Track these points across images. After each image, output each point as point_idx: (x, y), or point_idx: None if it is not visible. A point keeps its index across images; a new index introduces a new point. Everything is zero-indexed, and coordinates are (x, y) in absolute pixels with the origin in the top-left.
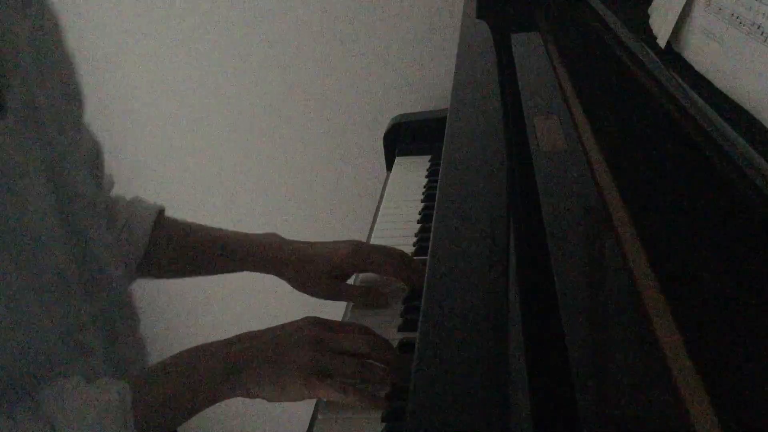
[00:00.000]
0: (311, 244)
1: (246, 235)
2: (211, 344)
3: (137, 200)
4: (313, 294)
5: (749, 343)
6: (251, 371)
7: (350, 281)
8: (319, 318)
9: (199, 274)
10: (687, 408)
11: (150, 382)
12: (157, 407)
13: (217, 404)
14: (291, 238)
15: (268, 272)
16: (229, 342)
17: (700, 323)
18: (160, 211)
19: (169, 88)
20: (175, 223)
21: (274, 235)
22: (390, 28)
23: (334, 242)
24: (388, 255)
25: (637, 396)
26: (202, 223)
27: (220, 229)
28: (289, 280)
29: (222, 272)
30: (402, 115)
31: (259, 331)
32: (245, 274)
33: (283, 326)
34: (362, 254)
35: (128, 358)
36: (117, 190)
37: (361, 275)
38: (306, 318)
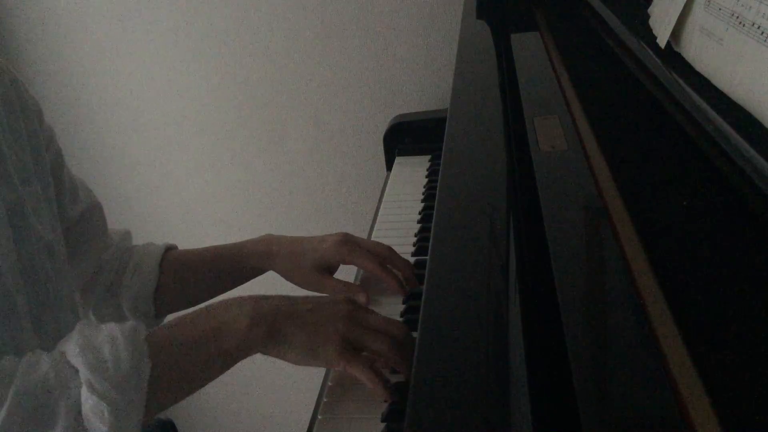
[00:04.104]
0: (302, 238)
1: (243, 243)
2: (245, 296)
3: (148, 244)
4: (300, 285)
5: (749, 343)
6: (284, 327)
7: (352, 280)
8: (354, 298)
9: (216, 294)
10: (687, 408)
11: (176, 325)
12: (183, 349)
13: (217, 405)
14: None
15: (265, 267)
16: (264, 296)
17: (701, 323)
18: (168, 248)
19: (168, 91)
20: (182, 254)
21: (269, 234)
22: (390, 28)
23: (324, 235)
24: (371, 249)
25: (637, 396)
26: (202, 223)
27: (223, 246)
28: (281, 272)
29: (234, 286)
30: (402, 115)
31: (294, 296)
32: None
33: (319, 297)
34: (347, 246)
35: None
36: (118, 195)
37: (361, 275)
38: (342, 295)
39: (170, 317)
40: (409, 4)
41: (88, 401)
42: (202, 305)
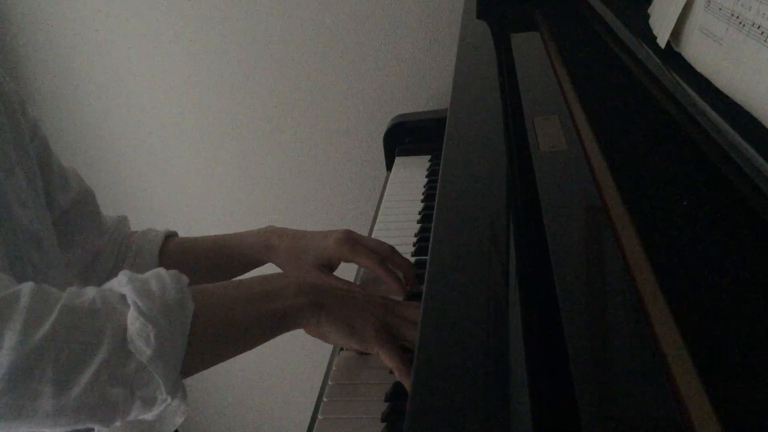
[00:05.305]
0: (304, 233)
1: (244, 234)
2: (291, 272)
3: (149, 230)
4: None
5: (749, 343)
6: (327, 300)
7: (353, 276)
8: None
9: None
10: (687, 408)
11: (223, 284)
12: (230, 303)
13: (217, 405)
14: None
15: (265, 260)
16: (308, 275)
17: (700, 323)
18: (169, 235)
19: (168, 91)
20: (183, 241)
21: (271, 226)
22: (390, 29)
23: (327, 231)
24: (373, 248)
25: (637, 396)
26: (202, 223)
27: (224, 236)
28: (280, 265)
29: (233, 276)
30: (402, 115)
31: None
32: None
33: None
34: (349, 244)
35: None
36: (117, 194)
37: (361, 275)
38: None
39: None
40: (409, 4)
41: (135, 323)
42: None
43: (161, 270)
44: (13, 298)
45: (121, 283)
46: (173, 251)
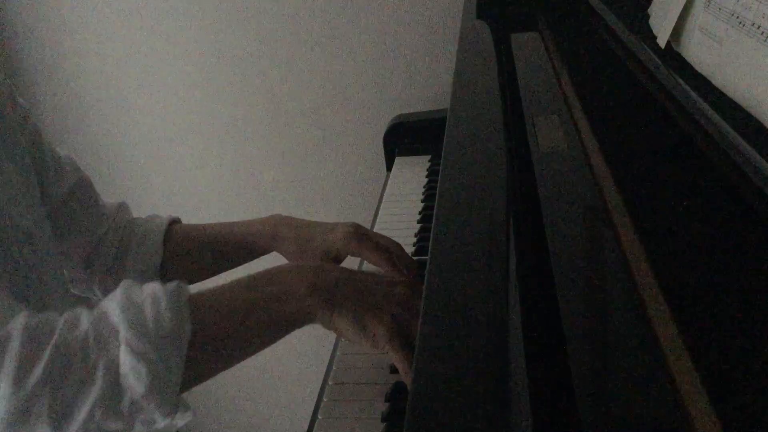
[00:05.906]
0: (311, 223)
1: (250, 222)
2: (305, 264)
3: (152, 216)
4: None
5: (749, 343)
6: (340, 298)
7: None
8: (414, 283)
9: (221, 270)
10: (687, 408)
11: (230, 287)
12: (235, 313)
13: (217, 405)
14: None
15: (270, 249)
16: (322, 266)
17: (700, 323)
18: (173, 222)
19: (167, 90)
20: (188, 228)
21: (277, 215)
22: (390, 29)
23: (334, 223)
24: (381, 244)
25: (637, 396)
26: (201, 222)
27: (230, 223)
28: (286, 255)
29: (238, 264)
30: (402, 115)
31: (353, 270)
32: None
33: (378, 276)
34: (357, 238)
35: None
36: (118, 192)
37: (363, 266)
38: (402, 278)
39: None
40: (409, 4)
41: (126, 361)
42: (263, 270)
43: (157, 289)
44: (3, 342)
45: (114, 312)
46: (178, 238)
